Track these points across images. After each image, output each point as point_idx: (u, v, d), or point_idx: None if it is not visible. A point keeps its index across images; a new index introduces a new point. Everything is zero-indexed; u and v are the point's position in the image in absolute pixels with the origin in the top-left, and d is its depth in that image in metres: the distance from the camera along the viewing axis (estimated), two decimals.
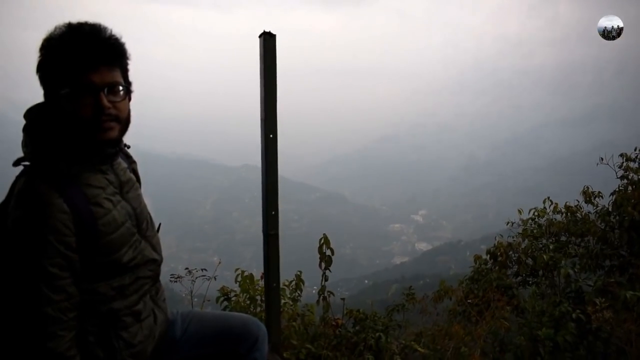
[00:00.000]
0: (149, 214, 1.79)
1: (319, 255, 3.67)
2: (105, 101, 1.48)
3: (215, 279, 3.97)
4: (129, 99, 1.59)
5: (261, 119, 2.22)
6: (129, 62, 1.59)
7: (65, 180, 1.48)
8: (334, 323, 3.80)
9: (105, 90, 1.48)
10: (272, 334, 2.16)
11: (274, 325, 2.24)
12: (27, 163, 1.53)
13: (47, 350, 1.41)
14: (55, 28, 1.47)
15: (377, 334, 3.72)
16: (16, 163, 1.53)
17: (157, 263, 1.74)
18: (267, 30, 2.16)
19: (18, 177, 1.53)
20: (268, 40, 2.17)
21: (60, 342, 1.43)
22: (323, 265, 3.66)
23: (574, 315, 3.91)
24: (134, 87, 1.61)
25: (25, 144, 1.53)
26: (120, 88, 1.54)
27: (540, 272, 4.96)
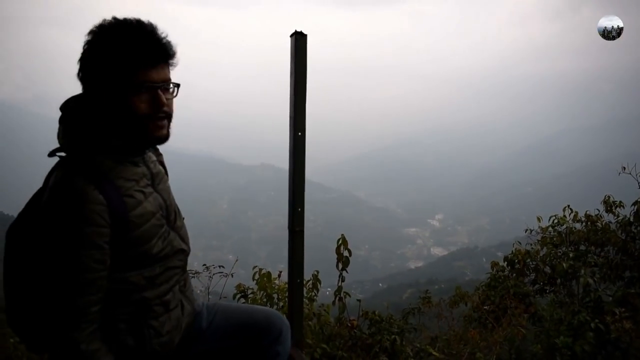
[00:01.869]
0: (176, 206, 1.81)
1: (336, 256, 3.67)
2: (163, 98, 1.50)
3: (232, 276, 4.00)
4: None
5: (290, 117, 2.25)
6: (176, 60, 1.60)
7: (101, 173, 1.49)
8: (349, 324, 3.80)
9: (161, 87, 1.51)
10: (295, 330, 2.18)
11: (297, 321, 2.25)
12: (62, 154, 1.54)
13: (72, 339, 1.43)
14: (104, 21, 1.47)
15: (393, 337, 3.71)
16: (51, 154, 1.55)
17: (185, 253, 1.76)
18: (298, 29, 2.20)
19: (53, 169, 1.55)
20: (299, 40, 2.20)
21: (83, 333, 1.45)
22: (340, 266, 3.66)
23: (592, 325, 3.87)
24: None
25: (62, 136, 1.54)
26: (172, 85, 1.57)
27: (559, 281, 4.90)
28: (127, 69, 1.45)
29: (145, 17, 1.52)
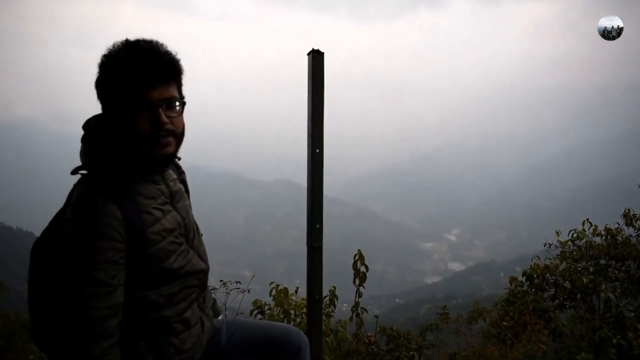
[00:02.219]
0: (195, 223, 1.83)
1: (352, 271, 3.66)
2: (163, 117, 1.52)
3: (249, 291, 4.00)
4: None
5: (308, 134, 2.27)
6: (183, 77, 1.63)
7: (120, 190, 1.52)
8: (367, 340, 3.78)
9: (163, 106, 1.53)
10: (314, 346, 2.17)
11: (316, 337, 2.25)
12: (84, 172, 1.57)
13: (87, 354, 1.44)
14: (113, 45, 1.52)
15: (411, 353, 3.69)
16: (74, 172, 1.58)
17: (204, 272, 1.77)
18: (315, 47, 2.23)
19: (76, 185, 1.58)
20: (317, 58, 2.23)
21: (102, 347, 1.46)
22: (357, 281, 3.65)
23: (614, 341, 3.80)
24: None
25: (84, 154, 1.58)
26: (177, 103, 1.58)
27: (579, 296, 4.83)
28: (129, 90, 1.48)
29: (162, 35, 1.55)
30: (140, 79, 1.49)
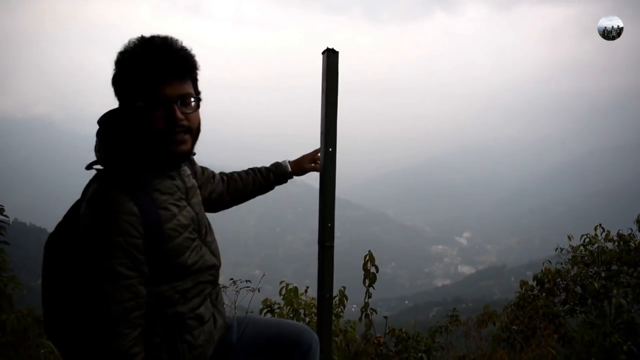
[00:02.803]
0: (207, 219, 1.83)
1: (363, 272, 3.67)
2: (178, 113, 1.51)
3: (259, 290, 4.02)
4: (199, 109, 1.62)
5: (321, 133, 2.29)
6: (199, 72, 1.62)
7: (136, 185, 1.53)
8: (375, 341, 3.79)
9: (178, 102, 1.52)
10: (324, 345, 2.18)
11: (326, 336, 2.25)
12: (99, 167, 1.58)
13: (111, 348, 1.45)
14: (129, 42, 1.52)
15: (420, 355, 3.69)
16: (89, 167, 1.59)
17: (216, 268, 1.78)
18: (330, 47, 2.24)
19: (91, 181, 1.59)
20: (331, 57, 2.24)
21: (124, 340, 1.46)
22: (367, 282, 3.66)
23: (625, 347, 3.77)
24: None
25: (99, 149, 1.58)
26: (192, 99, 1.57)
27: (590, 301, 4.80)
28: (144, 86, 1.48)
29: (174, 35, 1.56)
30: (155, 75, 1.48)
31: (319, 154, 2.41)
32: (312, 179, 2.45)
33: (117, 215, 1.44)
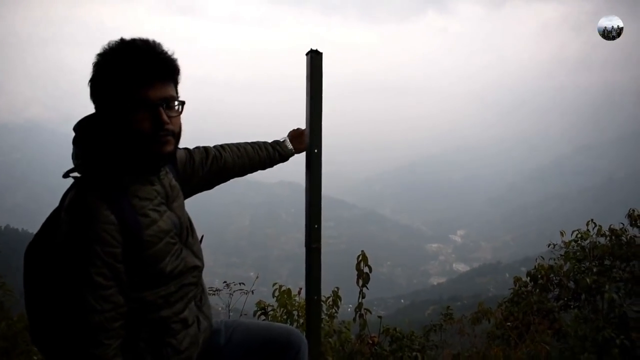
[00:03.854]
0: (189, 221, 1.82)
1: (356, 272, 3.66)
2: (164, 116, 1.50)
3: (252, 293, 4.01)
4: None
5: (306, 134, 2.28)
6: (180, 77, 1.61)
7: (115, 192, 1.51)
8: (370, 341, 3.79)
9: (164, 105, 1.51)
10: (313, 347, 2.18)
11: (314, 338, 2.25)
12: (76, 175, 1.56)
13: (92, 357, 1.44)
14: (108, 44, 1.50)
15: (414, 354, 3.69)
16: (66, 175, 1.56)
17: (199, 269, 1.77)
18: (313, 48, 2.24)
19: (69, 189, 1.57)
20: (315, 58, 2.23)
21: (105, 350, 1.45)
22: (360, 282, 3.66)
23: (618, 342, 3.79)
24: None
25: (76, 156, 1.56)
26: (176, 103, 1.57)
27: (583, 296, 4.82)
28: (126, 88, 1.46)
29: (161, 37, 1.54)
30: (138, 77, 1.47)
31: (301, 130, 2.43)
32: (304, 179, 2.44)
33: (94, 224, 1.43)
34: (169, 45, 1.55)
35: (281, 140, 2.43)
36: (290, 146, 2.42)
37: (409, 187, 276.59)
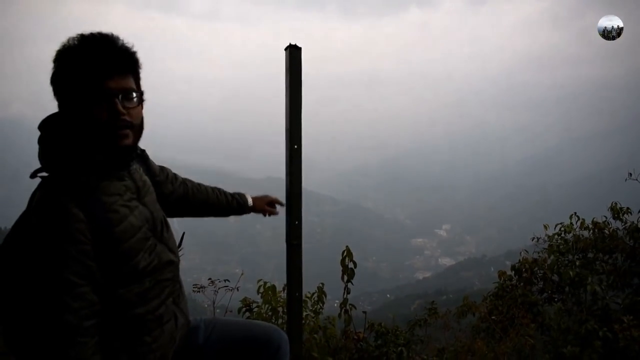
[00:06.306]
0: (163, 215, 1.80)
1: (341, 268, 3.66)
2: (119, 107, 1.49)
3: (237, 289, 3.98)
4: (142, 107, 1.61)
5: (286, 130, 2.26)
6: (141, 70, 1.62)
7: (83, 190, 1.50)
8: (355, 337, 3.78)
9: (120, 96, 1.51)
10: (294, 344, 2.17)
11: (296, 336, 2.24)
12: (44, 174, 1.55)
13: (68, 357, 1.42)
14: (68, 39, 1.50)
15: (399, 349, 3.70)
16: (33, 175, 1.55)
17: (174, 264, 1.76)
18: (292, 43, 2.21)
19: (37, 189, 1.55)
20: (294, 53, 2.21)
21: (82, 348, 1.43)
22: (345, 278, 3.65)
23: (600, 334, 3.83)
24: (157, 100, 1.60)
25: (42, 156, 1.55)
26: (134, 95, 1.56)
27: (567, 289, 4.86)
28: (85, 81, 1.46)
29: (152, 35, 1.52)
30: (96, 69, 1.47)
31: (280, 202, 2.49)
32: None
33: (64, 223, 1.42)
34: (148, 42, 1.53)
35: (244, 193, 2.49)
36: (250, 201, 2.47)
37: (392, 181, 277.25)
